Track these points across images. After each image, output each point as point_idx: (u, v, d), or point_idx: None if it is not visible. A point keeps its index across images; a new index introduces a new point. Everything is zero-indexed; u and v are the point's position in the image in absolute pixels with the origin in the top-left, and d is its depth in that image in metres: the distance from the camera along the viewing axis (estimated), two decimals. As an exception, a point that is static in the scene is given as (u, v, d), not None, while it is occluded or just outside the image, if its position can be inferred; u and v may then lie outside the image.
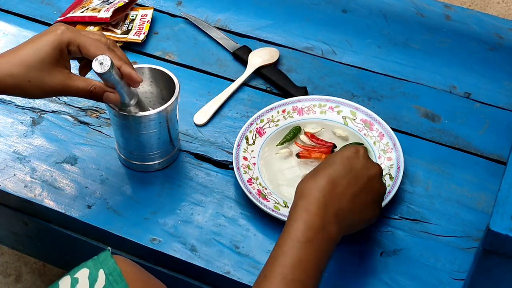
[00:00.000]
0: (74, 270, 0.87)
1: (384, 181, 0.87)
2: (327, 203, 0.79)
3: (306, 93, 1.13)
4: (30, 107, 1.13)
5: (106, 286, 0.84)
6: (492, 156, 1.06)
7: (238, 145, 1.03)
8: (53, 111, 1.12)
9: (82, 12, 1.24)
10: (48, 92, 0.87)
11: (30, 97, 0.89)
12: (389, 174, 1.00)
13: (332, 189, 0.80)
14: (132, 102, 0.94)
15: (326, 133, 1.07)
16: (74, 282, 0.85)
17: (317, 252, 0.76)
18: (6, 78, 0.85)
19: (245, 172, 1.00)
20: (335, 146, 1.04)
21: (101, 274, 0.85)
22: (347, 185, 0.81)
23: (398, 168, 1.00)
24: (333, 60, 1.21)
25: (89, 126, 1.10)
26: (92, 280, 0.85)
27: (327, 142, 1.04)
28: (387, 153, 1.02)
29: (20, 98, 1.13)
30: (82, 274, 0.86)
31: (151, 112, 0.95)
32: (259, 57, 1.19)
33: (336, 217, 0.79)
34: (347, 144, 1.03)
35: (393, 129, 1.07)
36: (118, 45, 1.19)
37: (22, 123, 1.11)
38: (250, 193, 0.97)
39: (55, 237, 1.04)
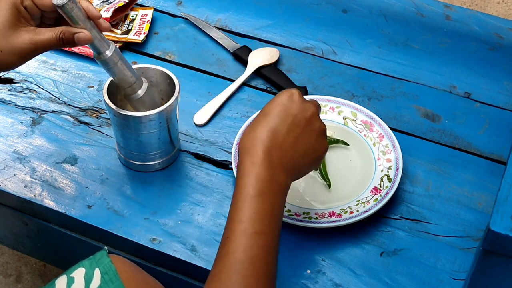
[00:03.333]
0: (70, 270, 0.87)
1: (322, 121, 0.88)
2: (271, 154, 0.80)
3: (306, 93, 1.13)
4: (30, 107, 1.13)
5: (101, 285, 0.84)
6: (492, 156, 1.06)
7: (238, 144, 1.03)
8: (53, 111, 1.12)
9: (82, 12, 1.24)
10: (23, 55, 0.85)
11: (8, 68, 0.87)
12: (388, 176, 1.00)
13: (274, 139, 0.81)
14: (108, 53, 0.89)
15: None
16: (70, 281, 0.85)
17: (271, 202, 0.79)
18: None
19: (245, 172, 1.00)
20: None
21: (97, 273, 0.85)
22: (287, 132, 0.83)
23: (397, 169, 1.00)
24: (333, 60, 1.21)
25: (89, 126, 1.10)
26: (88, 279, 0.85)
27: None
28: (387, 155, 1.02)
29: (20, 98, 1.13)
30: (78, 273, 0.86)
31: (151, 112, 0.95)
32: (259, 57, 1.19)
33: (282, 165, 0.81)
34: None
35: (393, 129, 1.07)
36: (118, 45, 1.20)
37: (22, 123, 1.11)
38: (249, 192, 0.97)
39: (55, 237, 1.04)
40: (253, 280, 0.74)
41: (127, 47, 1.22)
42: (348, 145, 1.04)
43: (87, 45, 0.89)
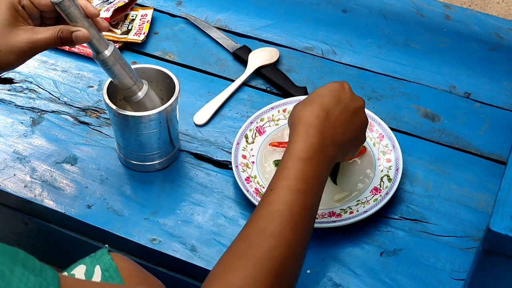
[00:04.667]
0: (71, 267, 0.87)
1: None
2: (324, 129, 0.84)
3: (306, 93, 1.13)
4: (30, 107, 1.13)
5: (102, 281, 0.84)
6: (492, 156, 1.06)
7: (238, 144, 1.03)
8: (53, 111, 1.12)
9: (82, 12, 1.24)
10: (21, 54, 0.85)
11: (7, 67, 0.87)
12: (387, 176, 1.00)
13: (327, 117, 0.85)
14: (106, 52, 0.89)
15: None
16: None
17: (317, 168, 0.82)
18: None
19: (244, 171, 1.00)
20: None
21: (97, 270, 0.85)
22: (338, 114, 0.86)
23: (397, 169, 1.00)
24: (333, 60, 1.21)
25: (89, 126, 1.10)
26: (89, 276, 0.85)
27: None
28: (386, 155, 1.02)
29: (20, 98, 1.13)
30: (79, 270, 0.86)
31: (151, 112, 0.95)
32: (259, 57, 1.19)
33: (332, 141, 0.85)
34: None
35: (393, 129, 1.07)
36: (117, 45, 1.20)
37: (22, 123, 1.11)
38: (248, 191, 0.97)
39: (55, 237, 1.04)
40: (289, 230, 0.76)
41: (127, 47, 1.22)
42: None
43: (85, 44, 0.88)
